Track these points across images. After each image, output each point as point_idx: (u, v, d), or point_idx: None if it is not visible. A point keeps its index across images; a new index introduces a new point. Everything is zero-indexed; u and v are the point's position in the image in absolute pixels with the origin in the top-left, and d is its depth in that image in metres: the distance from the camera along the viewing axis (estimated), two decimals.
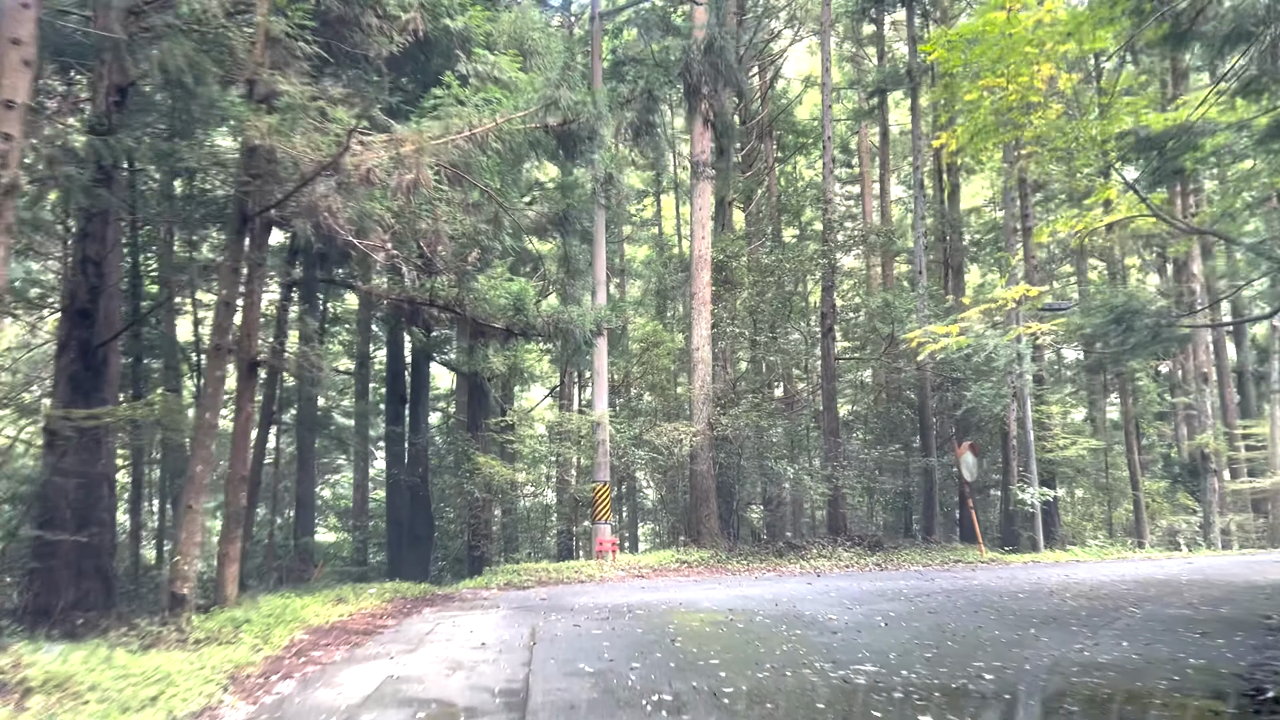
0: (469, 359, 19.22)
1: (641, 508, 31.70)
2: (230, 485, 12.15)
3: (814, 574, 21.09)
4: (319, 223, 11.83)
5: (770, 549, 24.05)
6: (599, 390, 22.66)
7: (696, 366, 24.45)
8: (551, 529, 26.93)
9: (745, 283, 25.29)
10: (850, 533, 26.15)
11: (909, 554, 25.08)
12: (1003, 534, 28.67)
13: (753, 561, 22.92)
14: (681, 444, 23.26)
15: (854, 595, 15.57)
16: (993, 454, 29.32)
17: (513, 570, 19.82)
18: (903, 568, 23.21)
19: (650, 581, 18.93)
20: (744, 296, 24.93)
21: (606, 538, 22.08)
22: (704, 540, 23.56)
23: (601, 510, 22.14)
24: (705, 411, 24.09)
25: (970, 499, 26.49)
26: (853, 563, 23.56)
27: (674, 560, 22.37)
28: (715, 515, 23.86)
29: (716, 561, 22.56)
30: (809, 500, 26.33)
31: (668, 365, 24.55)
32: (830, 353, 26.61)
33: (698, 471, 23.86)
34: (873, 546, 25.22)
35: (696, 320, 24.74)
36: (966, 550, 26.54)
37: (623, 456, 23.42)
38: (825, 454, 25.62)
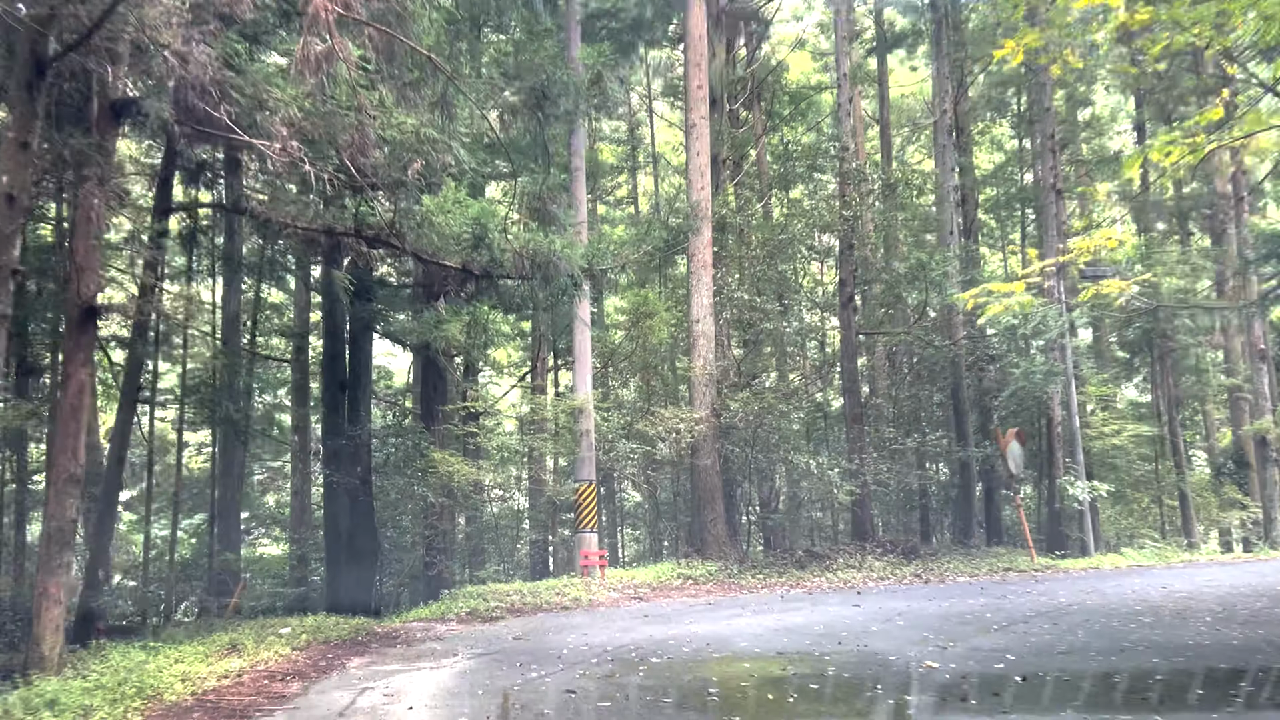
0: (417, 325, 15.34)
1: (621, 510, 27.88)
2: (52, 490, 8.24)
3: (852, 591, 17.45)
4: (181, 99, 8.03)
5: (789, 559, 20.41)
6: (580, 369, 18.87)
7: (697, 342, 20.74)
8: (523, 539, 23.03)
9: (755, 240, 21.55)
10: (879, 538, 22.55)
11: (950, 562, 21.59)
12: (1047, 535, 25.23)
13: (770, 575, 19.25)
14: (680, 435, 19.51)
15: (926, 623, 12.03)
16: (1031, 443, 25.80)
17: (477, 594, 16.00)
18: (948, 579, 19.69)
19: (653, 605, 15.21)
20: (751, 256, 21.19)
21: (593, 549, 18.31)
22: (710, 550, 19.85)
23: (586, 516, 18.35)
24: (708, 396, 20.37)
25: (1017, 495, 22.97)
26: (888, 574, 19.98)
27: (675, 575, 18.65)
28: (722, 520, 20.17)
29: (727, 576, 18.86)
30: (828, 501, 22.68)
31: (663, 339, 20.80)
32: (851, 326, 23.00)
33: (700, 468, 20.15)
34: (907, 554, 21.65)
35: (696, 287, 21.04)
36: (1012, 555, 23.07)
37: (609, 451, 19.64)
38: (849, 445, 21.96)
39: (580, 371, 19.01)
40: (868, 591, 17.55)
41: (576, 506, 18.55)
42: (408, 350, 24.66)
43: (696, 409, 20.18)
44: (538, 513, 22.99)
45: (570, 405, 18.60)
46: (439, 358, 16.94)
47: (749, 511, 21.24)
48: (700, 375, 20.47)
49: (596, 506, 18.71)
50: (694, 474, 20.45)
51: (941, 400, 24.24)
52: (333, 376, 19.46)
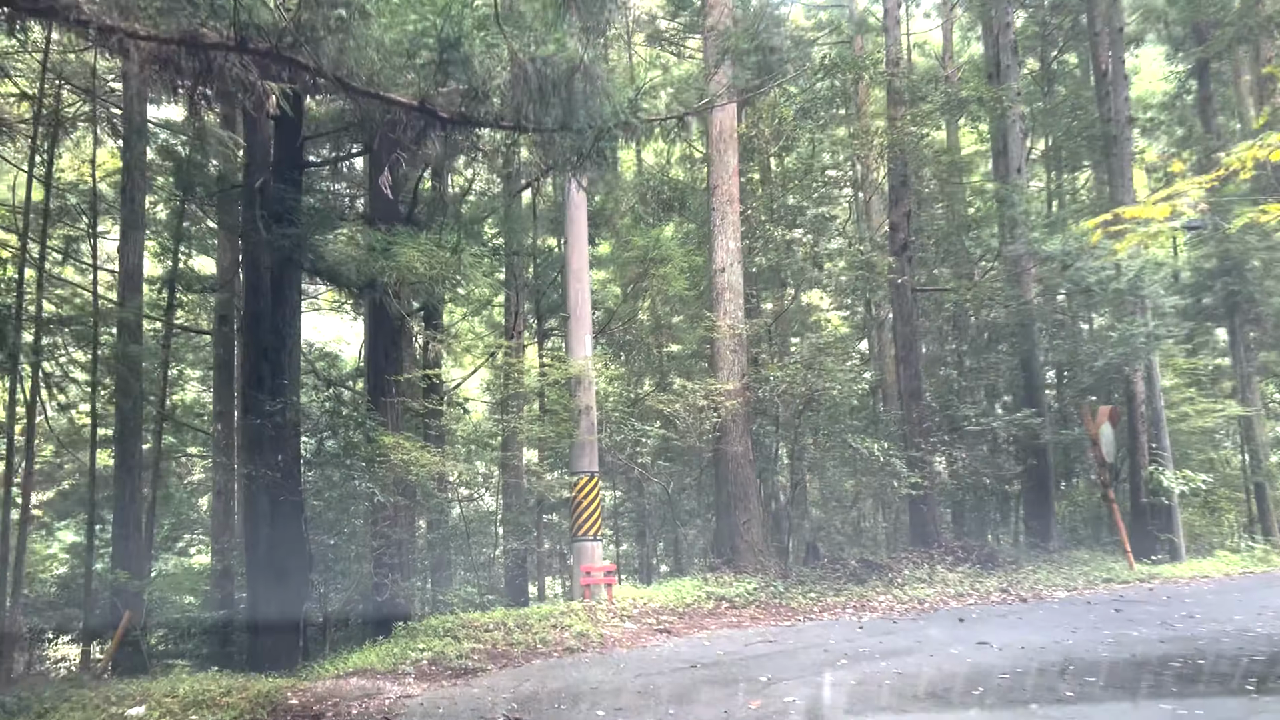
0: (358, 252, 11.03)
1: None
2: None
3: (944, 615, 13.50)
4: None
5: (841, 572, 16.36)
6: (577, 325, 14.70)
7: (721, 296, 16.61)
8: (497, 548, 18.72)
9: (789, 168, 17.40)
10: (944, 542, 18.56)
11: (1034, 571, 17.71)
12: (1129, 536, 21.31)
13: (824, 593, 15.22)
14: (703, 414, 15.37)
15: (1107, 671, 8.16)
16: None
17: (444, 629, 11.78)
18: (1045, 595, 15.88)
19: (691, 644, 11.14)
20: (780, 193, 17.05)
21: (597, 563, 14.16)
22: (743, 560, 15.76)
23: (588, 519, 14.18)
24: (736, 363, 16.26)
25: (1110, 488, 19.09)
26: (967, 588, 16.06)
27: (703, 596, 14.55)
28: (758, 522, 16.10)
29: (772, 596, 14.77)
30: (882, 497, 18.61)
31: (680, 290, 16.57)
32: (906, 279, 18.94)
33: (729, 456, 16.05)
34: (982, 562, 17.73)
35: (720, 227, 16.90)
36: (1100, 561, 19.25)
37: (616, 434, 15.43)
38: (908, 428, 17.91)
39: (577, 329, 14.79)
40: (964, 614, 13.59)
41: (575, 506, 14.34)
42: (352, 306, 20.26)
43: (722, 379, 16.01)
44: (516, 514, 18.72)
45: (565, 372, 14.35)
46: (390, 303, 12.61)
47: (788, 512, 17.11)
48: (727, 337, 16.32)
49: (600, 506, 14.51)
50: (720, 463, 16.30)
51: (1006, 371, 20.22)
52: (255, 339, 15.07)
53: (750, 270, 17.97)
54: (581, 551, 14.30)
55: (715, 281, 16.90)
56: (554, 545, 20.89)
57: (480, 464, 19.52)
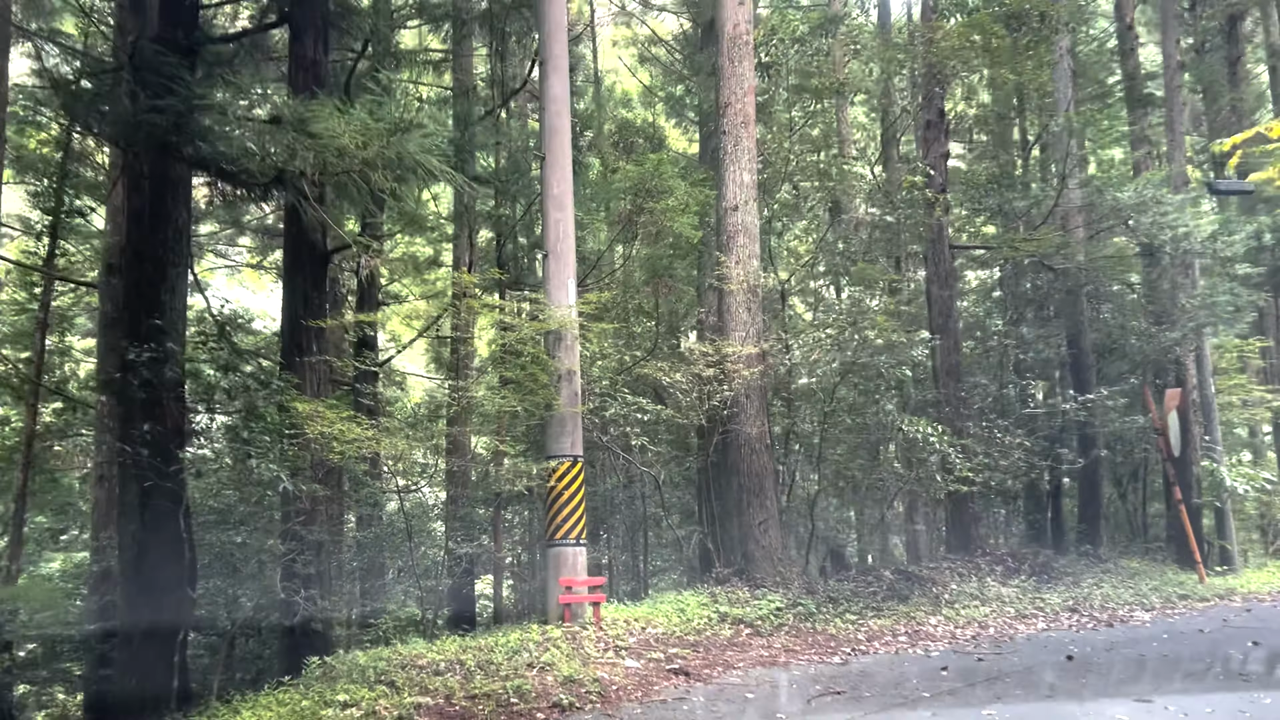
0: (262, 127, 7.63)
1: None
2: None
3: (1033, 645, 10.54)
4: None
5: (877, 585, 13.34)
6: (558, 264, 11.51)
7: (734, 239, 13.52)
8: (438, 553, 15.25)
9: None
10: (989, 549, 15.71)
11: (1096, 584, 14.92)
12: (1177, 540, 18.70)
13: (865, 613, 12.20)
14: (711, 388, 12.25)
15: None
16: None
17: (377, 670, 8.50)
18: (1122, 616, 13.21)
19: (726, 691, 8.18)
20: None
21: (580, 575, 10.98)
22: (759, 570, 12.69)
23: (570, 517, 11.00)
24: (752, 323, 13.12)
25: (1176, 485, 16.38)
26: (1031, 607, 13.32)
27: (715, 617, 11.45)
28: (776, 523, 13.05)
29: (801, 618, 11.72)
30: (916, 495, 15.60)
31: (685, 228, 13.31)
32: (943, 235, 16.03)
33: (742, 439, 12.98)
34: (1036, 572, 14.89)
35: (732, 156, 13.82)
36: (1161, 571, 16.57)
37: (604, 408, 12.20)
38: (948, 410, 14.96)
39: (558, 270, 11.53)
40: (1053, 644, 10.66)
41: (551, 500, 11.10)
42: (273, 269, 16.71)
43: (733, 341, 12.86)
44: (463, 508, 15.39)
45: (541, 325, 11.06)
46: (309, 213, 9.17)
47: (807, 511, 14.03)
48: (740, 291, 13.19)
49: (585, 501, 11.27)
50: (730, 449, 13.17)
51: (1050, 351, 17.35)
52: (132, 276, 11.50)
53: (764, 214, 14.82)
54: (560, 559, 11.04)
55: (726, 222, 13.74)
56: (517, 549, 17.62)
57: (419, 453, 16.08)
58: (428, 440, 14.40)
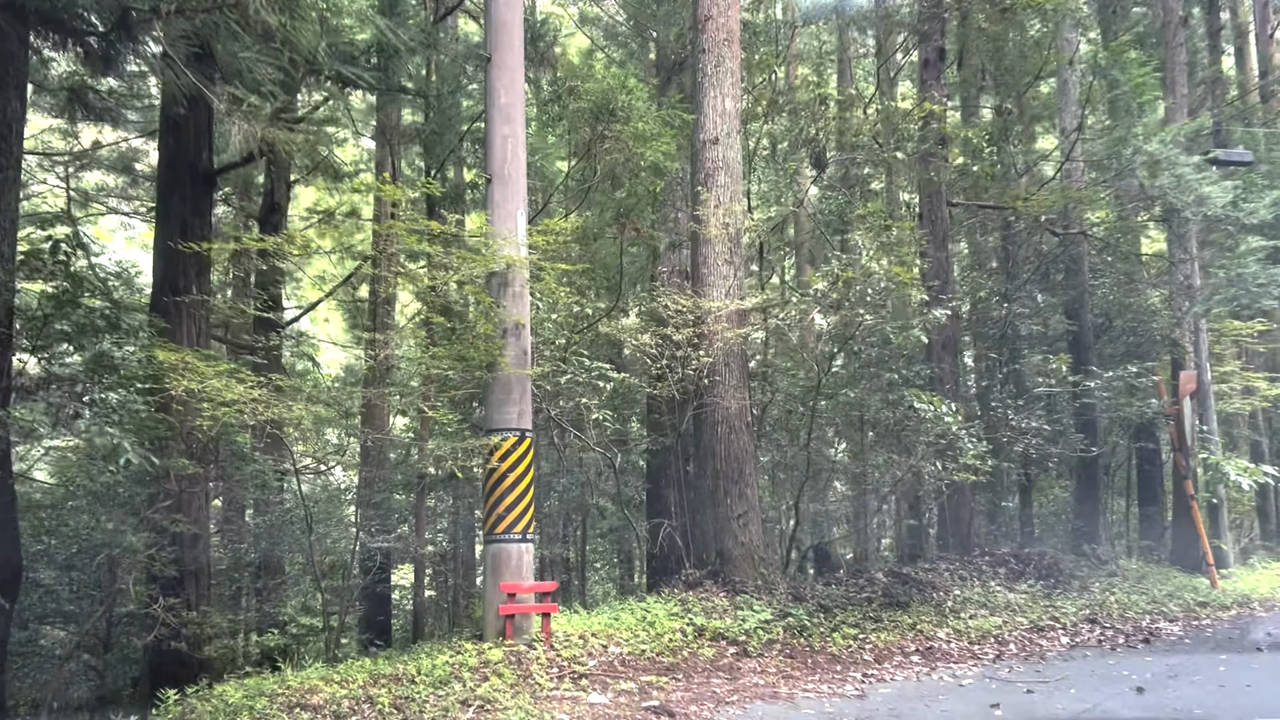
0: None
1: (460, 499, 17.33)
2: None
3: (1081, 667, 8.70)
4: None
5: (871, 590, 11.42)
6: (505, 188, 9.27)
7: (713, 177, 11.46)
8: (342, 548, 12.83)
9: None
10: (987, 548, 13.96)
11: (1107, 591, 13.26)
12: (1173, 540, 17.27)
13: (864, 624, 10.25)
14: (685, 355, 10.19)
15: None
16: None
17: (251, 713, 6.11)
18: (1148, 627, 11.51)
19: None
20: None
21: (526, 580, 8.79)
22: (738, 571, 10.69)
23: (515, 506, 8.81)
24: (733, 278, 11.07)
25: (1189, 478, 14.82)
26: (1046, 616, 11.68)
27: (690, 630, 9.40)
28: (757, 516, 11.00)
29: (793, 632, 9.75)
30: (911, 485, 13.68)
31: (659, 159, 11.13)
32: (941, 192, 14.25)
33: (719, 416, 10.96)
34: (1042, 575, 13.14)
35: (712, 78, 11.81)
36: (1165, 574, 14.99)
37: (558, 374, 10.03)
38: (947, 388, 13.15)
39: (504, 197, 9.34)
40: (1106, 670, 8.85)
41: (491, 486, 8.92)
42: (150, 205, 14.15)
43: (710, 296, 10.78)
44: (383, 493, 13.09)
45: (483, 264, 8.84)
46: (176, 78, 6.76)
47: (792, 503, 12.04)
48: (720, 239, 11.11)
49: (534, 487, 9.10)
50: (704, 428, 11.11)
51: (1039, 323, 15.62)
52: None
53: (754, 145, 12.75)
54: (501, 559, 8.86)
55: (703, 157, 11.64)
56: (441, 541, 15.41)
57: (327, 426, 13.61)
58: (336, 408, 12.03)
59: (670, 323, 10.33)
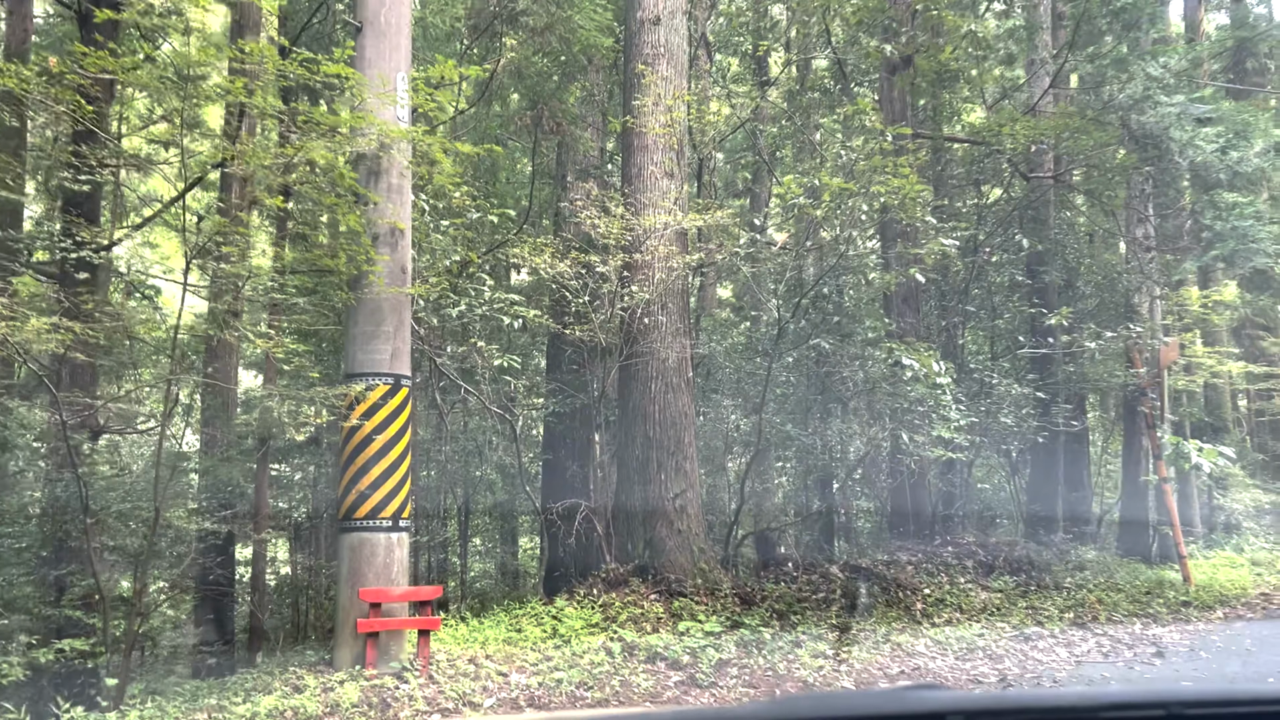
0: None
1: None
2: None
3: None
4: None
5: (824, 587, 9.34)
6: (380, 42, 6.66)
7: (654, 65, 9.06)
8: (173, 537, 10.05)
9: None
10: (949, 537, 12.12)
11: (1081, 588, 11.54)
12: (1121, 529, 15.86)
13: (830, 634, 8.10)
14: (612, 286, 7.84)
15: None
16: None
17: None
18: (1134, 632, 10.04)
19: None
20: None
21: (398, 586, 6.23)
22: (674, 566, 8.49)
23: (384, 482, 6.26)
24: (672, 192, 8.75)
25: (1161, 460, 13.27)
26: (1029, 619, 9.81)
27: (619, 648, 7.18)
28: (698, 496, 8.75)
29: (748, 646, 7.63)
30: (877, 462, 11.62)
31: (589, 32, 8.66)
32: (906, 110, 12.30)
33: (654, 369, 8.62)
34: (1013, 569, 11.37)
35: None
36: (1132, 568, 13.51)
37: (445, 305, 7.51)
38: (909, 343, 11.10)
39: (380, 54, 6.84)
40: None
41: (350, 454, 6.42)
42: None
43: (646, 214, 8.44)
44: (213, 461, 10.39)
45: (350, 141, 6.27)
46: None
47: (742, 482, 9.81)
48: (660, 146, 8.77)
49: (409, 454, 6.64)
50: (633, 385, 8.82)
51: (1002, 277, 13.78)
52: None
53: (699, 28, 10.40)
54: (361, 554, 6.41)
55: (640, 41, 9.25)
56: (290, 523, 12.81)
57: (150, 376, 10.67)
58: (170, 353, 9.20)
59: (600, 241, 7.94)
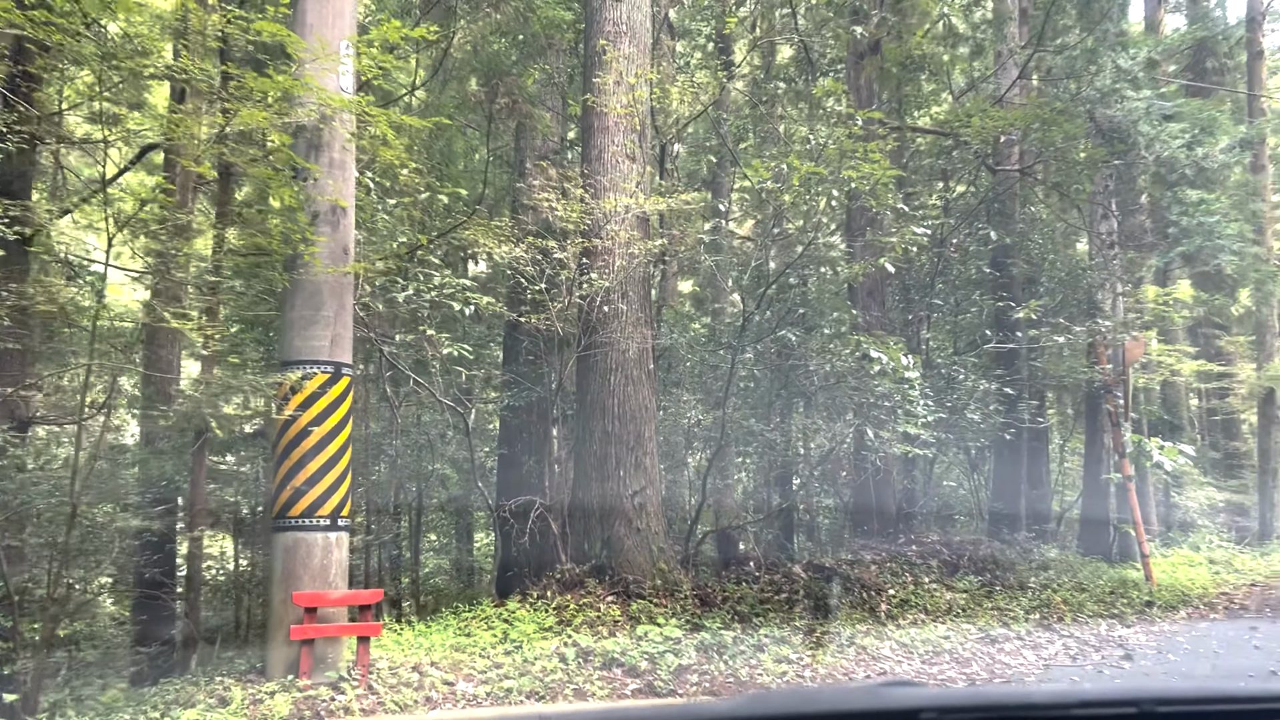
0: None
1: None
2: None
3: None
4: None
5: (786, 587, 9.04)
6: (323, 3, 6.12)
7: (616, 44, 8.73)
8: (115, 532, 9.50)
9: None
10: (913, 534, 11.91)
11: (1046, 588, 11.36)
12: (1082, 527, 15.78)
13: (794, 637, 7.83)
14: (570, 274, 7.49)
15: None
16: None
17: None
18: (1100, 634, 9.94)
19: None
20: None
21: (336, 589, 5.81)
22: (632, 568, 8.12)
23: (321, 478, 5.83)
24: (635, 169, 8.38)
25: (1125, 457, 13.16)
26: (997, 620, 9.58)
27: (572, 654, 6.81)
28: (658, 494, 8.41)
29: (709, 651, 7.31)
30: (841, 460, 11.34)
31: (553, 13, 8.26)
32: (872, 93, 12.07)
33: (613, 360, 8.30)
34: (978, 569, 11.17)
35: None
36: (1092, 565, 13.39)
37: (393, 289, 7.10)
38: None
39: (323, 14, 6.31)
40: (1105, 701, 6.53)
41: (284, 448, 5.98)
42: None
43: (606, 197, 8.06)
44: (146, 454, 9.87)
45: (283, 111, 5.81)
46: None
47: (704, 478, 9.44)
48: (622, 128, 8.42)
49: (349, 448, 6.20)
50: (591, 377, 8.45)
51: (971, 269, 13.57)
52: None
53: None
54: (298, 556, 5.98)
55: (602, 19, 8.86)
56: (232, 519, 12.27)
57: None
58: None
59: (558, 226, 7.54)
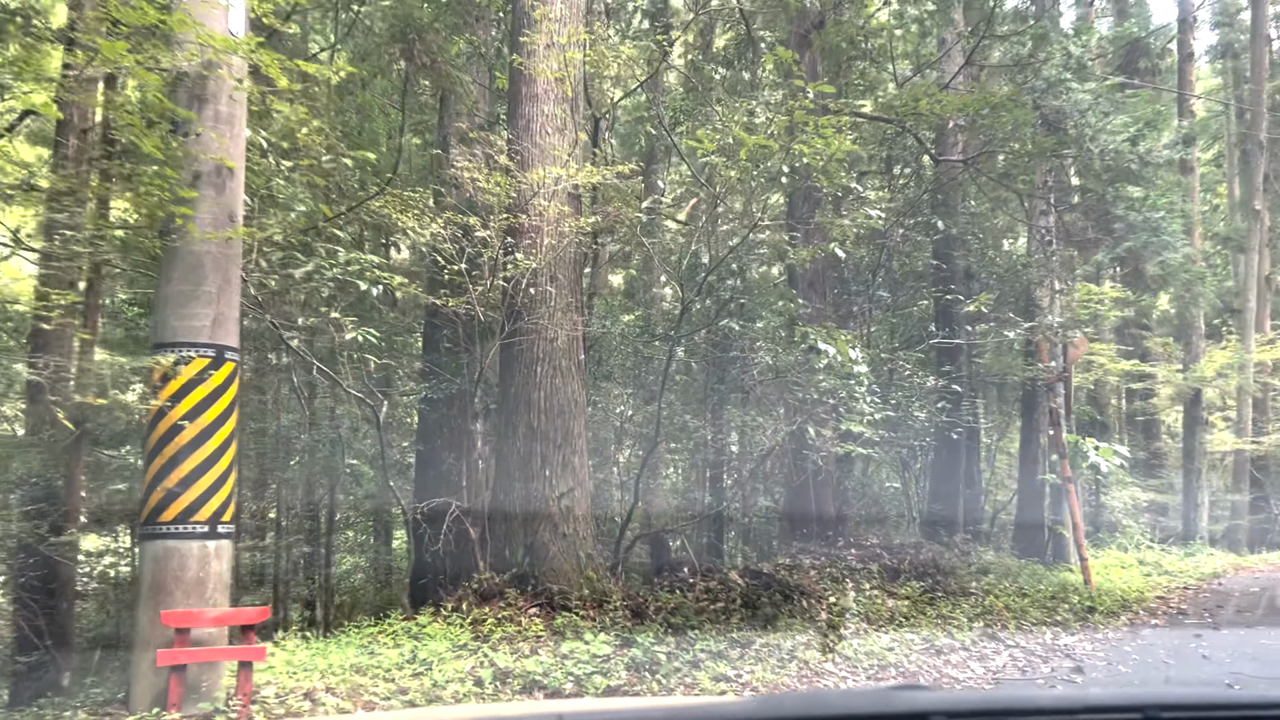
0: None
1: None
2: None
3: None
4: None
5: (723, 594, 8.42)
6: None
7: (550, 2, 7.92)
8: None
9: None
10: (853, 538, 11.45)
11: (989, 593, 11.00)
12: (1017, 529, 15.52)
13: (731, 651, 7.22)
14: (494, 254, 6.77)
15: None
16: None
17: None
18: (1045, 642, 9.60)
19: None
20: None
21: (213, 606, 4.97)
22: (557, 576, 7.42)
23: (198, 478, 5.00)
24: (567, 149, 7.67)
25: (1066, 459, 12.89)
26: (941, 629, 9.14)
27: (490, 676, 5.97)
28: (587, 496, 7.73)
29: (640, 669, 6.62)
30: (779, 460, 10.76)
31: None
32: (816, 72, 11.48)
33: (540, 350, 7.57)
34: (919, 573, 10.74)
35: None
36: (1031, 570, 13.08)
37: (291, 264, 6.29)
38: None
39: None
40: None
41: (156, 442, 5.12)
42: None
43: (534, 168, 7.35)
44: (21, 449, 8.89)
45: (156, 52, 4.98)
46: None
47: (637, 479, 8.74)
48: (552, 95, 7.72)
49: (233, 444, 5.40)
50: (515, 368, 7.74)
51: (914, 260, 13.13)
52: None
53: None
54: (169, 569, 5.18)
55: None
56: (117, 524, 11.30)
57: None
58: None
59: (482, 200, 6.81)
